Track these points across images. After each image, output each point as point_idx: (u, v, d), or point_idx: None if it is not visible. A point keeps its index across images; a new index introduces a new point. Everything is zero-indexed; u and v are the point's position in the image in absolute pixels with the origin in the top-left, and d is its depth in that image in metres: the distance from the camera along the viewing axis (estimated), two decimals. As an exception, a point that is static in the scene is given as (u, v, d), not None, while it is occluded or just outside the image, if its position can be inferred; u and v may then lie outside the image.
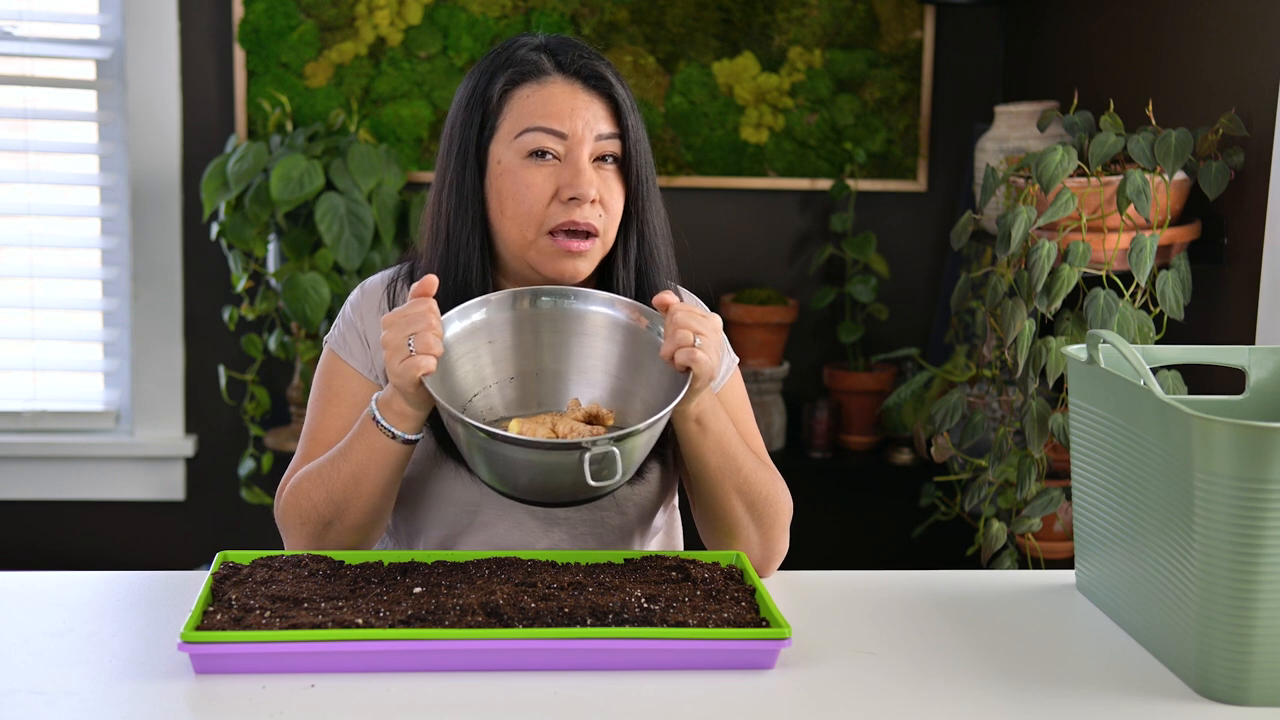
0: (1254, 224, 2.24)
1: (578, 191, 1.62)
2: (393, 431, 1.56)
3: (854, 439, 3.42)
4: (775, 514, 1.68)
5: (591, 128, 1.64)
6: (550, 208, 1.63)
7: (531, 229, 1.64)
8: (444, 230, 1.69)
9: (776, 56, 3.39)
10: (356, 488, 1.60)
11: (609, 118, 1.66)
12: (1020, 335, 2.27)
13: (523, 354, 1.64)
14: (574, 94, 1.65)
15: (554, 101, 1.64)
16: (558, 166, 1.64)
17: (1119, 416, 1.46)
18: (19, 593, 1.55)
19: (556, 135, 1.64)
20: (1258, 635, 1.30)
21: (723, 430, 1.63)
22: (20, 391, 3.45)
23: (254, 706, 1.27)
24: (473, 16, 3.32)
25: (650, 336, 1.61)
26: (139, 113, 3.31)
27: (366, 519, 1.62)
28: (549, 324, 1.64)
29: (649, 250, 1.70)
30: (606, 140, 1.65)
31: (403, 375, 1.50)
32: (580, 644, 1.34)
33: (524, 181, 1.63)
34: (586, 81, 1.66)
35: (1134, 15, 2.72)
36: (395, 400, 1.55)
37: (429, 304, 1.53)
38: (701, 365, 1.52)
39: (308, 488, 1.63)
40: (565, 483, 1.49)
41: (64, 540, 3.44)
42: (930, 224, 3.48)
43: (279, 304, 3.16)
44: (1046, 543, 2.54)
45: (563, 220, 1.63)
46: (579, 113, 1.64)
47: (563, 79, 1.66)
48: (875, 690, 1.34)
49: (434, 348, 1.51)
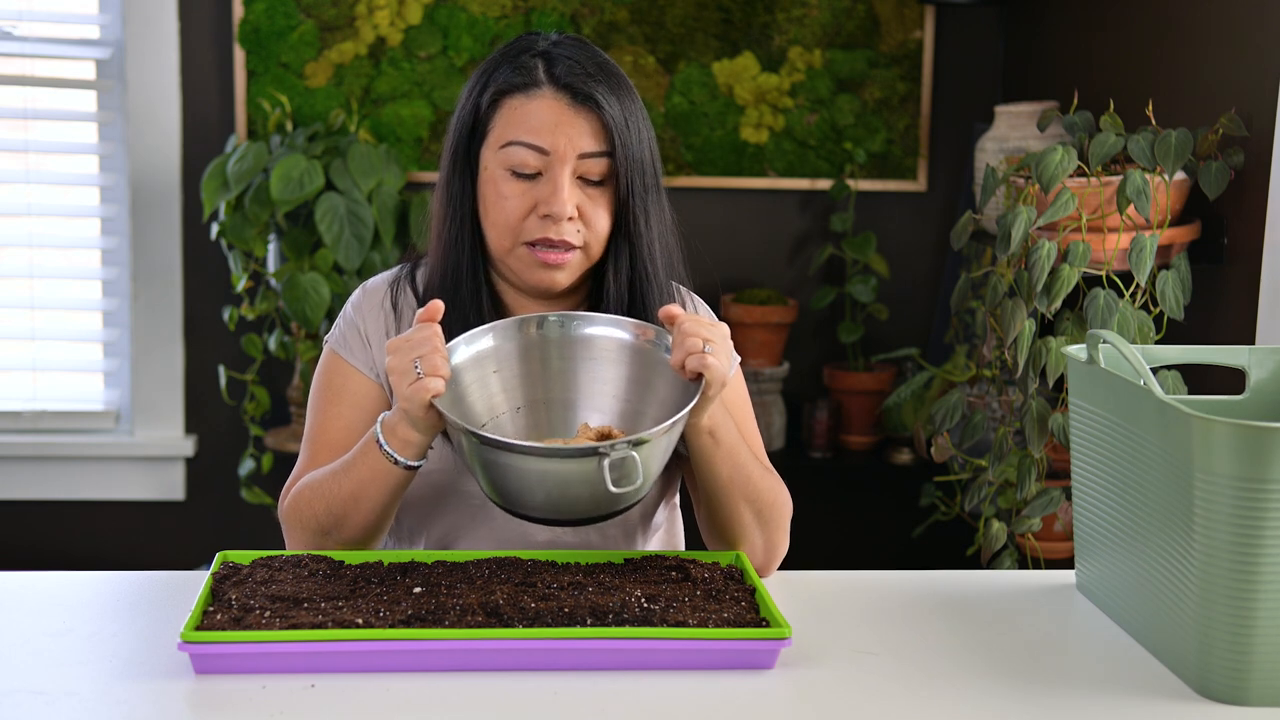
0: (1254, 224, 2.24)
1: (552, 210, 1.61)
2: (395, 457, 1.55)
3: (854, 439, 3.42)
4: (779, 517, 1.68)
5: (575, 145, 1.63)
6: (527, 222, 1.63)
7: (509, 239, 1.65)
8: (437, 228, 1.71)
9: (776, 56, 3.39)
10: (356, 505, 1.60)
11: (596, 135, 1.64)
12: (1020, 335, 2.27)
13: (531, 382, 1.63)
14: (560, 110, 1.63)
15: (539, 116, 1.63)
16: (537, 182, 1.63)
17: (1119, 416, 1.46)
18: (19, 593, 1.55)
19: (538, 151, 1.63)
20: (1258, 635, 1.30)
21: (734, 443, 1.63)
22: (20, 391, 3.45)
23: (254, 706, 1.27)
24: (473, 16, 3.32)
25: (657, 354, 1.61)
26: (139, 113, 3.31)
27: (364, 533, 1.62)
28: (556, 350, 1.63)
29: (643, 266, 1.68)
30: (592, 159, 1.64)
31: (412, 399, 1.49)
32: (580, 644, 1.34)
33: (503, 194, 1.64)
34: (575, 97, 1.64)
35: (1134, 15, 2.72)
36: (401, 426, 1.54)
37: (434, 328, 1.52)
38: (713, 371, 1.51)
39: (310, 497, 1.63)
40: (583, 495, 1.47)
41: (64, 540, 3.44)
42: (930, 224, 3.48)
43: (279, 304, 3.16)
44: (1046, 543, 2.54)
45: (538, 236, 1.63)
46: (563, 129, 1.63)
47: (552, 92, 1.64)
48: (875, 690, 1.34)
49: (441, 369, 1.50)
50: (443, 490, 1.70)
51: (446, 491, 1.70)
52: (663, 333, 1.60)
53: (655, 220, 1.69)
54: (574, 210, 1.63)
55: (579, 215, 1.64)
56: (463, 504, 1.70)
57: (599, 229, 1.65)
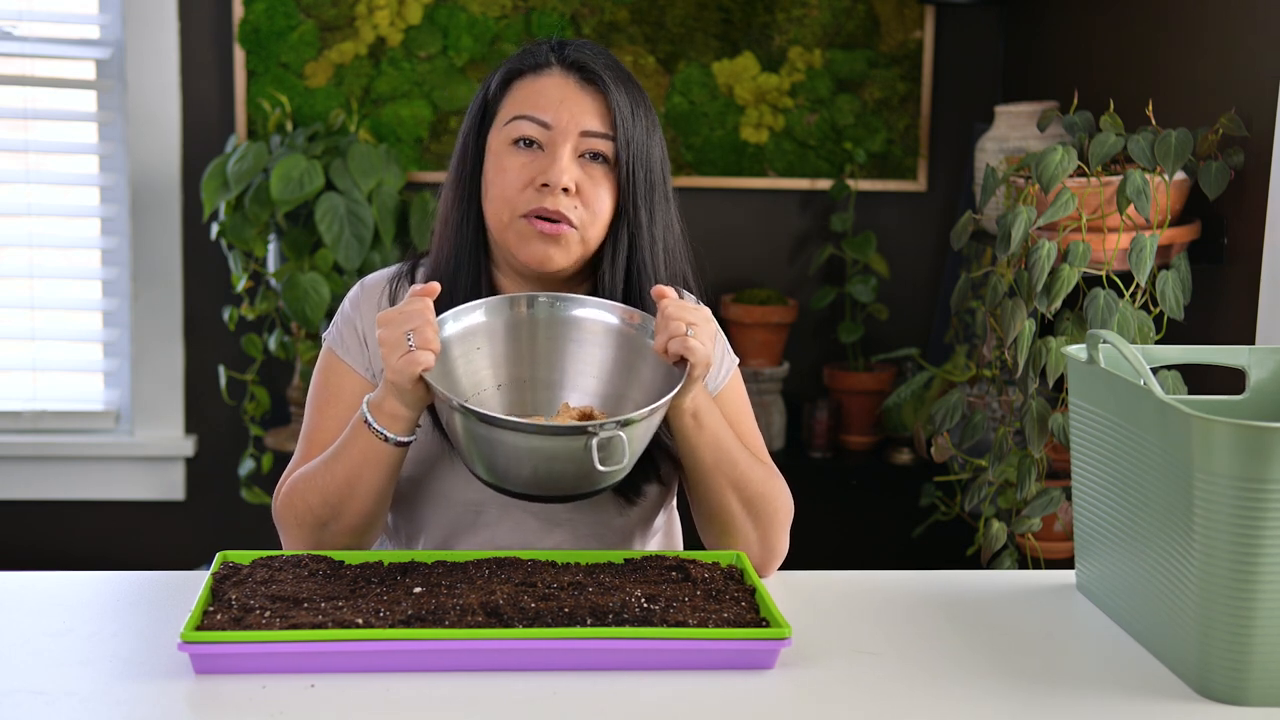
0: (1254, 224, 2.24)
1: (549, 178, 1.62)
2: (385, 434, 1.56)
3: (854, 439, 3.42)
4: (773, 512, 1.67)
5: (578, 121, 1.64)
6: (525, 192, 1.64)
7: (506, 211, 1.65)
8: (443, 214, 1.72)
9: (776, 56, 3.39)
10: (351, 491, 1.60)
11: (600, 116, 1.65)
12: (1020, 335, 2.27)
13: (517, 360, 1.65)
14: (566, 85, 1.65)
15: (545, 91, 1.65)
16: (538, 154, 1.65)
17: (1119, 416, 1.46)
18: (19, 593, 1.55)
19: (541, 124, 1.64)
20: (1258, 635, 1.30)
21: (718, 428, 1.63)
22: (20, 391, 3.45)
23: (254, 706, 1.27)
24: (473, 16, 3.32)
25: (641, 339, 1.63)
26: (139, 113, 3.31)
27: (362, 521, 1.62)
28: (544, 330, 1.65)
29: (641, 258, 1.68)
30: (596, 139, 1.65)
31: (401, 371, 1.50)
32: (580, 644, 1.34)
33: (504, 165, 1.65)
34: (583, 74, 1.66)
35: (1134, 15, 2.72)
36: (388, 401, 1.55)
37: (426, 302, 1.53)
38: (696, 353, 1.52)
39: (303, 489, 1.63)
40: (568, 472, 1.49)
41: (64, 540, 3.44)
42: (930, 224, 3.48)
43: (279, 304, 3.16)
44: (1046, 543, 2.54)
45: (534, 206, 1.63)
46: (567, 104, 1.64)
47: (560, 71, 1.66)
48: (875, 690, 1.34)
49: (433, 343, 1.51)
50: (438, 495, 1.70)
51: (441, 496, 1.70)
52: (649, 319, 1.61)
53: (660, 219, 1.69)
54: (572, 184, 1.63)
55: (578, 193, 1.64)
56: (459, 509, 1.70)
57: (598, 211, 1.65)
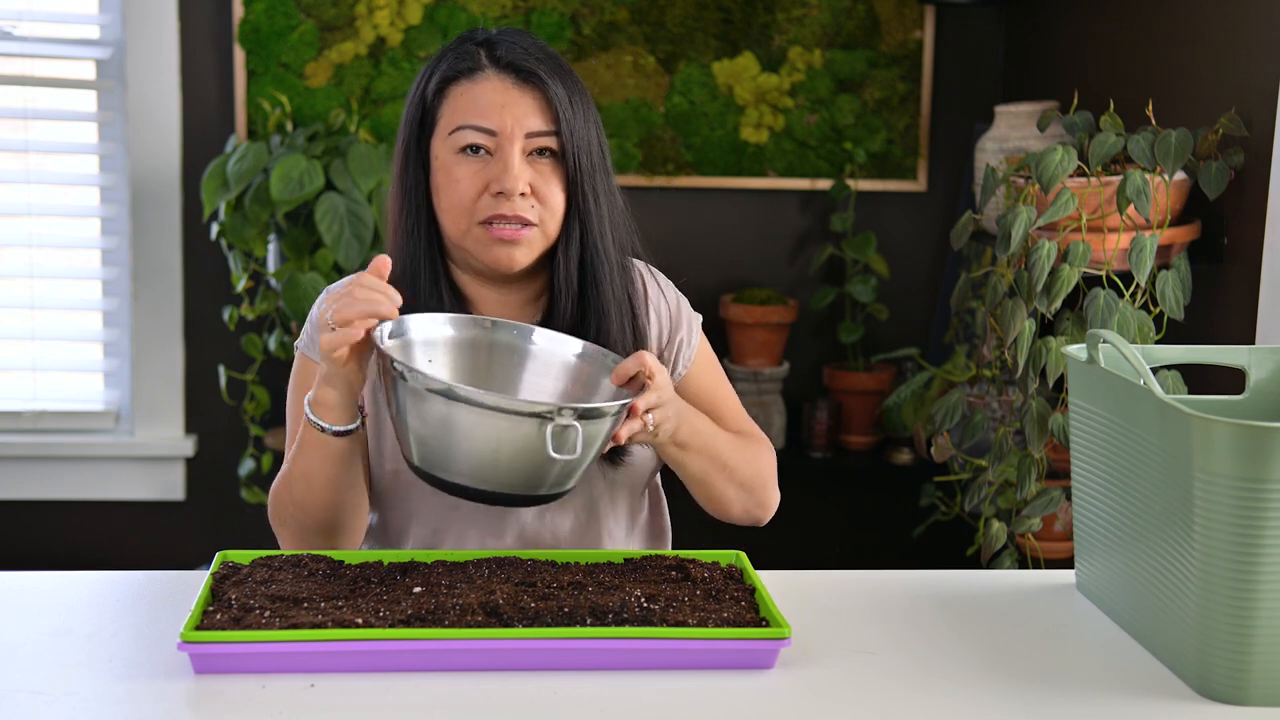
0: (1254, 224, 2.24)
1: (504, 186, 1.64)
2: (321, 425, 1.58)
3: (854, 439, 3.42)
4: (764, 479, 1.77)
5: (522, 124, 1.66)
6: (480, 201, 1.66)
7: (464, 220, 1.67)
8: (394, 223, 1.74)
9: (776, 56, 3.39)
10: (309, 486, 1.62)
11: (542, 113, 1.67)
12: (1020, 335, 2.27)
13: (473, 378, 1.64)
14: (505, 90, 1.66)
15: (484, 98, 1.66)
16: (488, 161, 1.66)
17: (1119, 416, 1.46)
18: (19, 593, 1.55)
19: (486, 132, 1.66)
20: (1258, 635, 1.30)
21: (704, 441, 1.69)
22: (20, 391, 3.45)
23: (254, 706, 1.27)
24: (472, 16, 3.32)
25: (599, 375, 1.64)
26: (139, 113, 3.31)
27: (329, 514, 1.64)
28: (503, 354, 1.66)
29: (593, 245, 1.71)
30: (541, 136, 1.66)
31: (328, 346, 1.51)
32: (580, 644, 1.34)
33: (455, 176, 1.66)
34: (519, 75, 1.67)
35: (1134, 15, 2.72)
36: (320, 389, 1.57)
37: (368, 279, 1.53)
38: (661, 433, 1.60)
39: (280, 491, 1.67)
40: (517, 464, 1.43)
41: (64, 540, 3.44)
42: (930, 224, 3.48)
43: (279, 304, 3.16)
44: (1046, 543, 2.54)
45: (492, 213, 1.65)
46: (509, 109, 1.66)
47: (495, 74, 1.67)
48: (875, 690, 1.34)
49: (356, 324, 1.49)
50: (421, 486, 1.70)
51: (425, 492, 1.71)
52: (609, 354, 1.64)
53: (605, 200, 1.72)
54: (526, 186, 1.65)
55: (532, 192, 1.66)
56: (443, 504, 1.71)
57: (553, 204, 1.67)
